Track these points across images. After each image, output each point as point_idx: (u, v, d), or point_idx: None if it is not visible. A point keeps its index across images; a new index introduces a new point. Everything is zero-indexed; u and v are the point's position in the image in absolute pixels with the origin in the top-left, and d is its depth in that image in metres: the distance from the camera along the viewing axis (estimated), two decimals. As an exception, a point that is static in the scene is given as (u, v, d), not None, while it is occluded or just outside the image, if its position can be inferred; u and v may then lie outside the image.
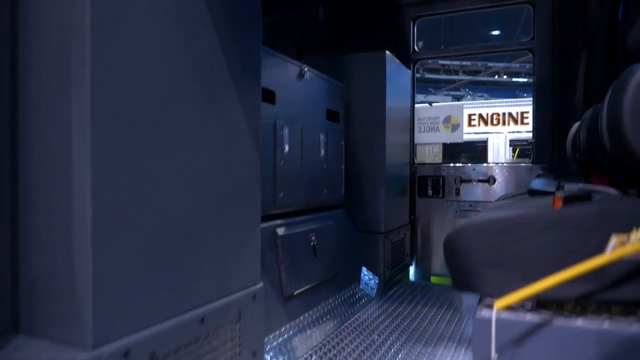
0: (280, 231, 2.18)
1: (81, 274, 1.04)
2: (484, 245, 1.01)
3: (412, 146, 3.83)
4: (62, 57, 1.06)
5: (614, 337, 0.91)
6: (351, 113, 3.13)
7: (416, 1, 3.79)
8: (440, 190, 3.71)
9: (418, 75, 3.86)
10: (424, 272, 3.78)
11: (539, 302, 1.02)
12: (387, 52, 3.17)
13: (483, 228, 1.03)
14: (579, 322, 0.94)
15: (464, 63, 19.24)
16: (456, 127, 3.79)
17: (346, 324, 2.49)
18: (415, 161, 3.85)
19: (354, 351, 2.11)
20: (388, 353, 2.11)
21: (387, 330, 2.41)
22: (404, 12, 3.83)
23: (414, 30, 3.86)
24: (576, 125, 2.44)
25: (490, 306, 0.96)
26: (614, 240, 0.90)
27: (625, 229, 0.91)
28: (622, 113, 1.10)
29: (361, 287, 3.00)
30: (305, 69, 2.47)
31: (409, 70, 3.74)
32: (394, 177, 3.35)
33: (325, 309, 2.49)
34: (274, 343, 2.00)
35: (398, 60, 3.43)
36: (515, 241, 0.99)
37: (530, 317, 0.97)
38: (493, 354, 0.89)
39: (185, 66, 1.33)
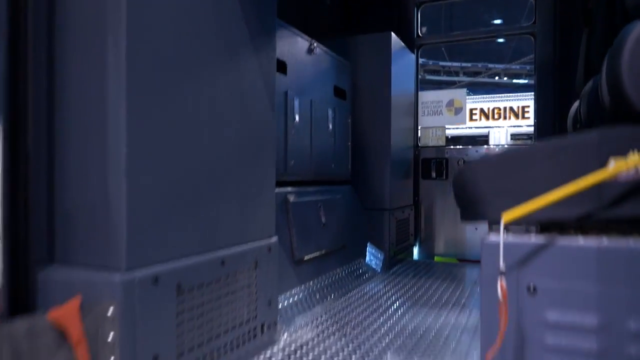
0: (292, 197, 2.25)
1: (115, 203, 1.12)
2: (492, 174, 1.09)
3: (416, 129, 3.91)
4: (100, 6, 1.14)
5: (613, 253, 0.98)
6: (357, 92, 3.20)
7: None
8: (444, 172, 3.79)
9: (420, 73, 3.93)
10: (428, 252, 3.85)
11: (543, 227, 1.09)
12: (392, 33, 3.25)
13: (490, 160, 1.11)
14: (580, 241, 1.01)
15: (464, 65, 19.33)
16: (459, 110, 3.86)
17: (353, 292, 2.57)
18: (419, 144, 3.92)
19: (362, 313, 2.19)
20: (394, 315, 2.18)
21: (393, 298, 2.48)
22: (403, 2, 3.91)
23: (418, 15, 3.93)
24: (576, 103, 2.50)
25: (498, 232, 1.04)
26: (612, 162, 0.98)
27: (624, 152, 0.99)
28: (620, 67, 1.12)
29: (367, 261, 3.07)
30: (315, 44, 2.55)
31: (413, 55, 3.82)
32: (399, 157, 3.42)
33: (333, 278, 2.56)
34: (285, 303, 2.07)
35: (403, 44, 3.51)
36: (521, 169, 1.06)
37: (535, 239, 1.04)
38: (501, 265, 0.96)
39: (210, 25, 1.41)
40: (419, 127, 3.96)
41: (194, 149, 1.35)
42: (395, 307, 2.32)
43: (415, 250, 3.88)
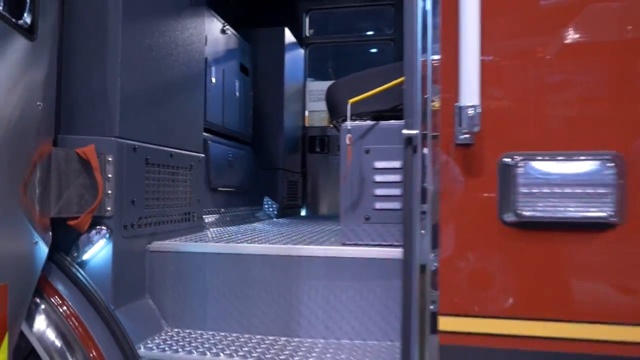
0: (209, 140, 2.90)
1: (112, 93, 1.71)
2: (345, 87, 1.90)
3: (304, 112, 4.76)
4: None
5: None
6: (257, 73, 3.94)
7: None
8: (326, 147, 4.67)
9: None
10: (313, 213, 4.69)
11: (374, 117, 1.92)
12: (286, 29, 4.06)
13: (345, 80, 1.92)
14: (393, 122, 1.85)
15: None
16: (338, 98, 4.80)
17: (256, 223, 3.27)
18: (307, 124, 4.77)
19: (263, 232, 2.89)
20: (286, 224, 2.92)
21: (289, 226, 3.23)
22: (298, 5, 4.77)
23: (306, 19, 4.81)
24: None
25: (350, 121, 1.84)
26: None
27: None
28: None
29: (264, 208, 3.79)
30: (227, 25, 3.24)
31: (303, 50, 4.68)
32: (290, 131, 4.21)
33: (238, 212, 3.24)
34: (206, 219, 2.70)
35: (295, 40, 4.34)
36: (363, 83, 1.88)
37: (368, 123, 1.86)
38: (348, 136, 1.76)
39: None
40: (307, 111, 4.81)
41: (157, 71, 1.98)
42: (291, 228, 3.06)
43: (303, 211, 4.69)
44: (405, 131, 1.37)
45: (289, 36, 4.12)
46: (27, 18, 1.37)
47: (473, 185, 1.24)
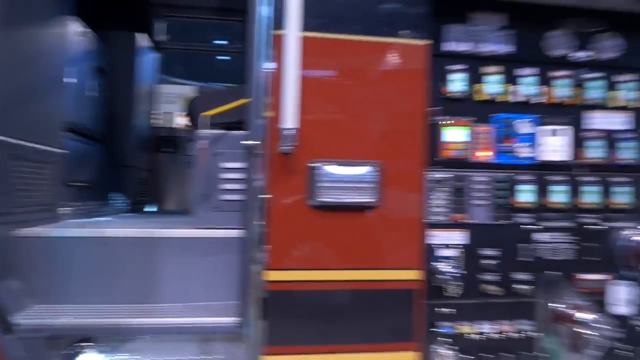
0: (66, 136, 3.06)
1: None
2: (206, 100, 2.35)
3: (153, 113, 4.99)
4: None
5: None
6: (113, 75, 4.10)
7: (158, 3, 4.98)
8: (176, 147, 4.97)
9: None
10: (162, 210, 4.94)
11: (225, 127, 2.41)
12: (138, 34, 4.29)
13: (208, 93, 2.38)
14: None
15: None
16: (189, 101, 5.13)
17: (107, 217, 3.48)
18: (158, 125, 5.01)
19: (117, 223, 3.15)
20: (144, 222, 3.22)
21: (140, 218, 3.51)
22: (150, 11, 4.98)
23: (158, 26, 5.05)
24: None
25: (204, 129, 2.29)
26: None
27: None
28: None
29: (114, 204, 3.98)
30: (86, 28, 3.40)
31: (155, 54, 4.91)
32: (141, 129, 4.43)
33: (90, 207, 3.43)
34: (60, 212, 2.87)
35: (149, 44, 4.57)
36: (222, 98, 2.36)
37: (218, 132, 2.34)
38: (203, 142, 2.22)
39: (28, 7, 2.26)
40: (159, 112, 5.05)
41: (21, 73, 2.18)
42: (138, 217, 3.35)
43: (152, 207, 4.91)
44: (245, 142, 1.90)
45: (142, 40, 4.35)
46: None
47: (291, 181, 1.82)
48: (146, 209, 4.63)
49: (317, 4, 1.81)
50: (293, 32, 1.70)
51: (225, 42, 5.38)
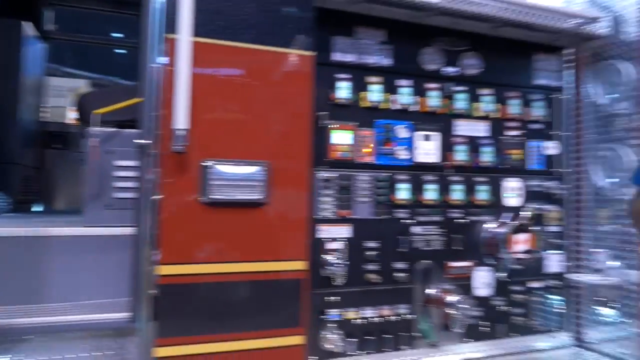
0: None
1: None
2: (98, 98, 2.32)
3: (42, 106, 4.69)
4: None
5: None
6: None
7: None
8: (66, 143, 4.72)
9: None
10: (51, 207, 4.66)
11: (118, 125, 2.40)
12: (23, 22, 4.02)
13: (100, 91, 2.34)
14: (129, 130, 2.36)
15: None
16: (82, 96, 4.88)
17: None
18: (45, 119, 4.71)
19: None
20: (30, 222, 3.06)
21: (25, 219, 3.31)
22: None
23: (47, 14, 4.75)
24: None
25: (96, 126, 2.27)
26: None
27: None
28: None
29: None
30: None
31: (44, 45, 4.62)
32: (26, 124, 4.15)
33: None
34: None
35: (36, 34, 4.29)
36: (115, 96, 2.34)
37: (111, 129, 2.33)
38: (93, 140, 2.20)
39: None
40: (51, 106, 4.75)
41: None
42: (22, 218, 3.17)
43: (39, 207, 4.61)
44: (138, 140, 1.93)
45: (29, 29, 4.08)
46: None
47: (184, 179, 1.89)
48: (33, 209, 4.32)
49: (209, 13, 1.90)
50: (185, 37, 1.78)
51: (121, 35, 5.19)
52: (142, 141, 1.91)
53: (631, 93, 2.67)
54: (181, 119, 1.80)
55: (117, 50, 5.40)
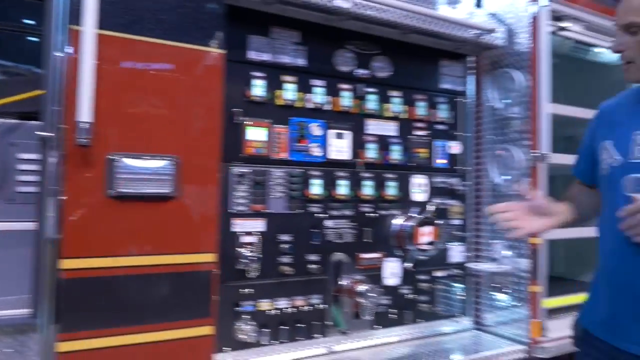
0: None
1: None
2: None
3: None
4: None
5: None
6: None
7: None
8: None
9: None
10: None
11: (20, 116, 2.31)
12: None
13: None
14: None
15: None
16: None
17: None
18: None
19: None
20: None
21: None
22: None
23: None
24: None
25: None
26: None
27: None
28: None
29: None
30: None
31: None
32: None
33: None
34: None
35: None
36: (16, 87, 2.25)
37: (12, 122, 2.24)
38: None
39: None
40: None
41: None
42: None
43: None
44: (40, 132, 1.89)
45: None
46: None
47: (90, 172, 1.87)
48: None
49: (116, 5, 1.89)
50: (89, 29, 1.76)
51: (32, 22, 4.88)
52: (45, 134, 1.87)
53: (522, 99, 2.96)
54: (85, 112, 1.78)
55: (31, 39, 5.10)
